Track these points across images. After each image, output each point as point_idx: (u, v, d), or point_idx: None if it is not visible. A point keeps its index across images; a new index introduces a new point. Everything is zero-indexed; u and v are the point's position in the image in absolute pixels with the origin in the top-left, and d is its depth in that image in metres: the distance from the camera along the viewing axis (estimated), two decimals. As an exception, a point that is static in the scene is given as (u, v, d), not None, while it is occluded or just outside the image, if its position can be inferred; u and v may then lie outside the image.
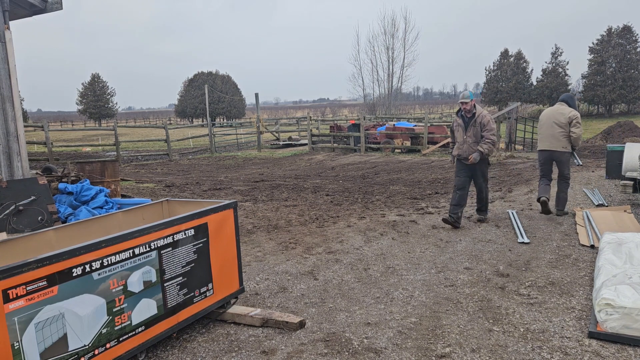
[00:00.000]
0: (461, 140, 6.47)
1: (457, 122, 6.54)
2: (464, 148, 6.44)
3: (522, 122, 18.84)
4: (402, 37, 58.64)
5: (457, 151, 6.53)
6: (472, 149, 6.35)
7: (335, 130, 22.54)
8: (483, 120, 6.33)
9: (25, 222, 5.75)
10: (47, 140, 16.15)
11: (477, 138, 6.35)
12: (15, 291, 2.37)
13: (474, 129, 6.36)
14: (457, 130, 6.56)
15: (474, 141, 6.37)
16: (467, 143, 6.41)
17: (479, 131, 6.34)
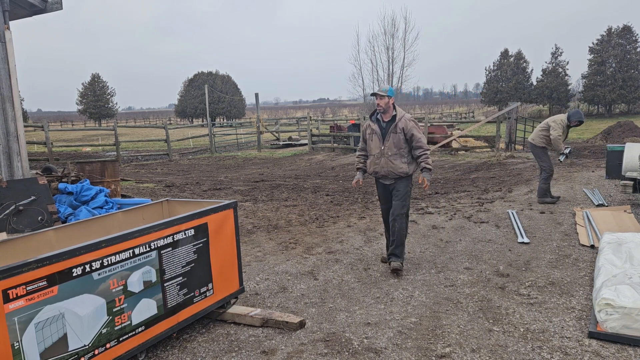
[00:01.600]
0: (377, 152, 4.80)
1: (371, 127, 4.89)
2: (381, 163, 4.78)
3: (522, 122, 18.83)
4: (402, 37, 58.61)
5: (373, 167, 4.88)
6: (392, 164, 4.73)
7: (335, 130, 22.54)
8: (408, 126, 4.70)
9: (25, 222, 5.75)
10: (47, 140, 16.15)
11: (399, 149, 4.73)
12: (15, 291, 2.37)
13: (395, 137, 4.73)
14: (370, 139, 4.89)
15: (395, 153, 4.72)
16: (385, 156, 4.75)
17: (401, 140, 4.73)
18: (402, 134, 4.73)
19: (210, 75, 69.60)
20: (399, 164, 4.75)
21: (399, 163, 4.74)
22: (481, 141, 20.87)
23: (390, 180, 4.85)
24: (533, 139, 7.98)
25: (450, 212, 7.43)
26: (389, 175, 4.81)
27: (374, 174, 4.91)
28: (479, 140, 20.98)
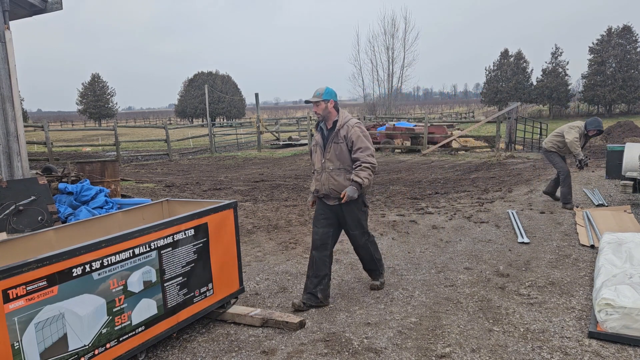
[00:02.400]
0: (319, 167, 4.05)
1: (315, 139, 4.15)
2: (322, 179, 4.01)
3: (522, 122, 18.83)
4: (402, 37, 58.73)
5: (315, 184, 4.11)
6: (335, 180, 3.93)
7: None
8: (351, 133, 3.91)
9: (25, 222, 5.75)
10: (47, 140, 16.15)
11: (343, 162, 3.94)
12: (15, 291, 2.37)
13: (337, 148, 3.94)
14: (314, 151, 4.16)
15: (337, 167, 3.94)
16: (326, 171, 3.98)
17: (344, 151, 3.93)
18: (344, 143, 3.91)
19: (210, 75, 69.60)
20: (342, 180, 3.91)
21: (343, 180, 3.91)
22: (481, 141, 20.88)
23: (334, 200, 3.99)
24: (545, 143, 7.86)
25: (450, 212, 7.43)
26: (330, 194, 3.97)
27: (316, 192, 4.09)
28: (479, 140, 20.99)
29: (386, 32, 62.74)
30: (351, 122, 3.97)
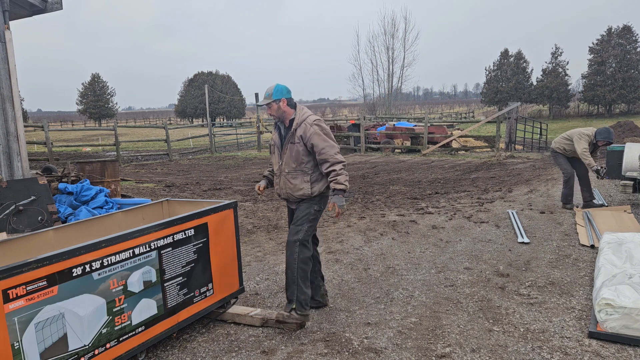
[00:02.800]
0: (277, 169, 3.79)
1: (273, 138, 3.88)
2: (280, 182, 3.75)
3: (522, 122, 18.84)
4: (402, 37, 58.82)
5: (275, 187, 3.87)
6: (290, 183, 3.65)
7: (335, 130, 22.52)
8: (309, 133, 3.55)
9: (25, 222, 5.75)
10: (47, 140, 16.15)
11: (299, 164, 3.62)
12: (15, 291, 2.37)
13: (293, 149, 3.62)
14: (272, 152, 3.88)
15: (293, 170, 3.64)
16: (283, 174, 3.70)
17: (300, 152, 3.60)
18: (300, 143, 3.59)
19: (210, 75, 69.60)
20: (299, 183, 3.62)
21: (299, 182, 3.61)
22: (481, 141, 20.90)
23: (294, 204, 3.76)
24: (553, 143, 7.77)
25: (450, 212, 7.43)
26: (289, 198, 3.73)
27: (278, 195, 3.87)
28: (479, 140, 21.00)
29: (386, 32, 62.82)
30: (309, 119, 3.60)
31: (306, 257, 3.63)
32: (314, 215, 3.69)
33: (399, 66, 54.83)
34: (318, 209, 3.71)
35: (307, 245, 3.66)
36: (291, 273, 3.61)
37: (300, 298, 3.59)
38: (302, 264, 3.61)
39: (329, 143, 3.56)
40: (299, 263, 3.59)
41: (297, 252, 3.59)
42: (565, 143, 7.49)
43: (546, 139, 20.60)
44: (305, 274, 3.63)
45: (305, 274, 3.62)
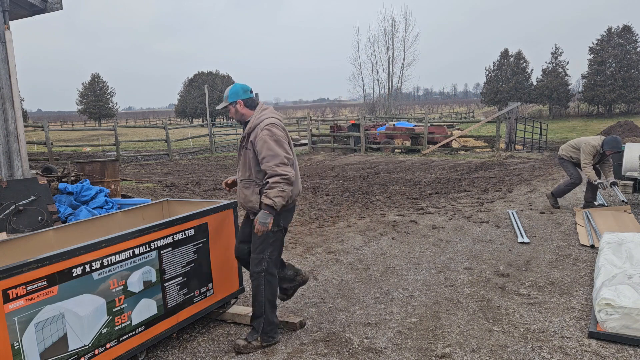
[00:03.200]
0: (237, 177, 3.48)
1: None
2: (237, 190, 3.45)
3: (522, 122, 18.84)
4: (402, 37, 58.88)
5: None
6: (243, 193, 3.33)
7: (335, 130, 22.54)
8: (258, 138, 3.17)
9: (25, 222, 5.75)
10: (47, 140, 16.15)
11: (251, 172, 3.28)
12: (15, 291, 2.37)
13: (246, 155, 3.30)
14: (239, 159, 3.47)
15: (246, 178, 3.31)
16: (238, 181, 3.44)
17: (251, 159, 3.26)
18: (251, 150, 3.24)
19: (211, 75, 69.60)
20: (249, 194, 3.27)
21: (250, 193, 3.27)
22: (481, 141, 20.90)
23: (253, 215, 3.34)
24: (560, 150, 7.69)
25: (450, 212, 7.43)
26: (244, 208, 3.41)
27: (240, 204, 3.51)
28: (479, 140, 21.00)
29: (386, 32, 62.90)
30: (263, 123, 3.18)
31: (273, 287, 3.34)
32: (274, 237, 3.26)
33: (399, 66, 54.91)
34: (276, 229, 3.24)
35: (273, 273, 3.32)
36: (259, 306, 3.31)
37: (266, 329, 3.32)
38: (269, 295, 3.31)
39: (272, 152, 3.09)
40: (266, 296, 3.29)
41: (264, 284, 3.27)
42: (572, 151, 7.43)
43: (546, 139, 20.61)
44: (273, 304, 3.36)
45: (272, 304, 3.35)
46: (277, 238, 3.30)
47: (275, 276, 3.35)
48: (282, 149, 3.14)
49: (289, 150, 3.20)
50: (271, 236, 3.25)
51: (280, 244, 3.35)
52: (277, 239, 3.30)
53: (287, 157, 3.13)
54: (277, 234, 3.29)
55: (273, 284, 3.33)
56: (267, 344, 3.35)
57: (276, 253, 3.33)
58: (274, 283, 3.34)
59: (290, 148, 3.25)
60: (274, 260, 3.32)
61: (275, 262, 3.33)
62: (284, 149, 3.15)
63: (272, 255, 3.29)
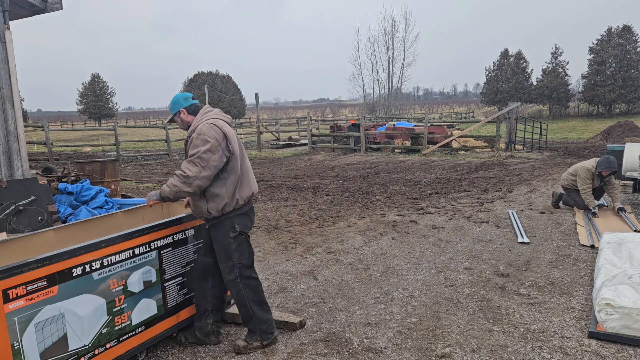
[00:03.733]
0: None
1: None
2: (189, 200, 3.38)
3: (522, 122, 18.84)
4: (402, 37, 58.95)
5: None
6: (192, 200, 3.25)
7: (335, 130, 22.54)
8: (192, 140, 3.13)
9: (25, 222, 5.75)
10: (47, 140, 16.15)
11: None
12: (15, 291, 2.37)
13: None
14: None
15: None
16: None
17: None
18: None
19: (210, 75, 69.57)
20: (197, 200, 3.19)
21: (197, 199, 3.19)
22: (481, 141, 20.89)
23: (207, 223, 3.32)
24: (562, 180, 7.55)
25: (450, 212, 7.43)
26: (196, 215, 3.33)
27: None
28: (479, 140, 20.99)
29: (386, 32, 63.00)
30: (199, 128, 3.10)
31: (254, 288, 3.30)
32: (234, 242, 3.19)
33: (399, 66, 54.97)
34: (234, 234, 3.19)
35: (249, 276, 3.26)
36: (245, 310, 3.29)
37: (262, 328, 3.31)
38: (253, 296, 3.28)
39: (194, 150, 3.03)
40: (249, 298, 3.27)
41: (242, 288, 3.24)
42: (572, 180, 7.29)
43: (546, 139, 20.60)
44: (260, 303, 3.31)
45: (259, 303, 3.31)
46: (239, 242, 3.23)
47: (252, 277, 3.30)
48: (206, 146, 3.02)
49: (210, 150, 3.01)
50: (231, 242, 3.19)
51: (245, 247, 3.26)
52: (240, 242, 3.23)
53: (201, 157, 3.00)
54: (237, 238, 3.21)
55: (253, 285, 3.30)
56: (267, 342, 3.32)
57: (245, 257, 3.25)
58: (253, 284, 3.30)
59: (233, 146, 3.13)
60: (245, 264, 3.26)
61: (248, 264, 3.27)
62: (208, 146, 3.02)
63: (241, 259, 3.24)
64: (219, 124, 3.13)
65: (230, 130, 3.18)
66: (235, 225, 3.19)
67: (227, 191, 3.11)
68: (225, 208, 3.13)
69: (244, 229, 3.24)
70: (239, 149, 3.22)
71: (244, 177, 3.21)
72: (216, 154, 3.03)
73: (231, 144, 3.12)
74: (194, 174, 3.00)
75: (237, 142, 3.21)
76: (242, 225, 3.23)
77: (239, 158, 3.18)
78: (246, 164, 3.28)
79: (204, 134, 3.05)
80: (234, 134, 3.22)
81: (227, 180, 3.12)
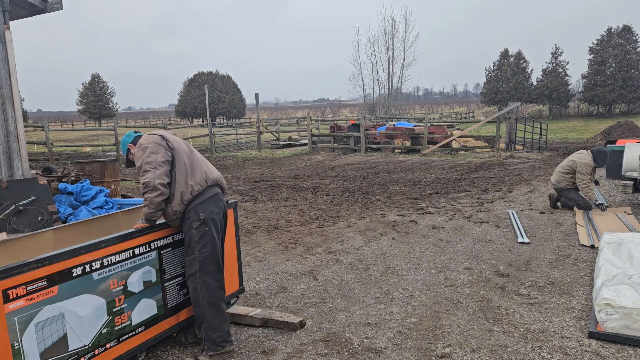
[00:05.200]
0: None
1: None
2: None
3: (522, 122, 18.84)
4: (402, 37, 58.97)
5: None
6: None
7: (335, 130, 22.53)
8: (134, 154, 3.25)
9: (25, 222, 5.75)
10: (47, 140, 16.15)
11: None
12: (15, 291, 2.37)
13: None
14: None
15: None
16: None
17: None
18: None
19: (211, 75, 69.58)
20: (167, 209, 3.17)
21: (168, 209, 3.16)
22: (481, 141, 20.88)
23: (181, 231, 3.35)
24: (558, 182, 7.41)
25: (450, 212, 7.43)
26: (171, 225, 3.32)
27: None
28: (479, 140, 20.99)
29: (386, 32, 62.99)
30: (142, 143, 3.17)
31: (212, 288, 3.15)
32: (198, 233, 3.10)
33: (399, 66, 54.94)
34: (197, 224, 3.10)
35: (209, 272, 3.14)
36: (197, 311, 3.16)
37: (212, 337, 3.12)
38: (209, 297, 3.13)
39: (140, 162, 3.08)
40: (204, 298, 3.12)
41: (199, 285, 3.12)
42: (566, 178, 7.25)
43: (546, 139, 20.59)
44: (216, 307, 3.15)
45: (214, 307, 3.14)
46: (203, 233, 3.10)
47: (212, 276, 3.15)
48: (143, 158, 3.08)
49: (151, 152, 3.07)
50: (194, 234, 3.10)
51: (210, 239, 3.12)
52: (202, 234, 3.10)
53: (148, 162, 3.05)
54: (201, 228, 3.10)
55: (211, 285, 3.14)
56: (215, 354, 3.11)
57: (207, 250, 3.11)
58: (211, 284, 3.14)
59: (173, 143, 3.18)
60: (208, 259, 3.12)
61: (211, 260, 3.13)
62: (145, 155, 3.07)
63: (203, 253, 3.10)
64: (153, 134, 3.22)
65: (167, 134, 3.26)
66: (200, 214, 3.12)
67: (179, 182, 3.11)
68: (184, 197, 3.10)
69: (210, 215, 3.14)
70: (184, 145, 3.28)
71: (194, 165, 3.21)
72: (159, 152, 3.09)
73: (171, 142, 3.19)
74: (150, 178, 3.02)
75: (179, 140, 3.29)
76: (206, 212, 3.13)
77: (184, 152, 3.22)
78: (195, 155, 3.30)
79: (141, 144, 3.15)
80: (174, 136, 3.31)
81: (176, 173, 3.13)
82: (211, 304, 3.14)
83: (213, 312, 3.14)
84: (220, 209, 3.26)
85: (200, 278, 3.12)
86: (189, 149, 3.29)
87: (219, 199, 3.27)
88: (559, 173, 7.45)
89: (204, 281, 3.12)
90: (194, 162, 3.24)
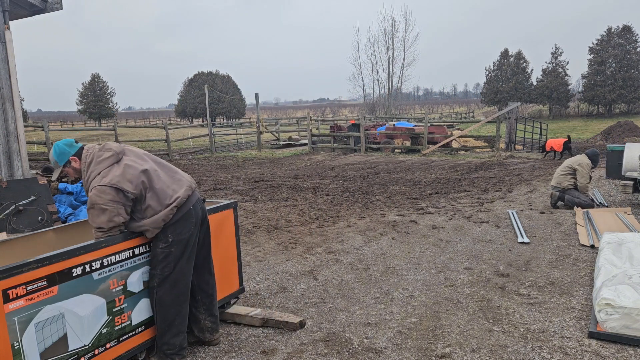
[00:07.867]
0: None
1: None
2: None
3: (522, 122, 18.85)
4: (402, 37, 59.01)
5: None
6: None
7: (335, 130, 22.53)
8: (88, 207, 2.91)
9: (25, 222, 5.75)
10: (47, 141, 16.14)
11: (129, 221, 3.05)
12: (15, 291, 2.37)
13: None
14: None
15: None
16: None
17: None
18: None
19: (211, 75, 69.61)
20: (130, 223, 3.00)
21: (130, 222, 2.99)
22: (481, 141, 20.89)
23: None
24: (559, 183, 7.53)
25: (450, 212, 7.43)
26: None
27: None
28: (479, 140, 20.99)
29: (386, 32, 63.07)
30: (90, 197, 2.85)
31: (166, 305, 3.06)
32: (162, 254, 3.01)
33: (399, 66, 55.03)
34: (163, 245, 3.00)
35: (166, 291, 3.04)
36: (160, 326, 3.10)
37: (162, 348, 3.07)
38: (163, 313, 3.06)
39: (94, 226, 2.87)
40: (157, 312, 3.07)
41: (155, 300, 3.05)
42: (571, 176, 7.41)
43: (546, 139, 20.60)
44: (167, 323, 3.07)
45: (165, 323, 3.06)
46: (168, 254, 3.01)
47: (168, 293, 3.05)
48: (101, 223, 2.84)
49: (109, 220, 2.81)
50: (159, 252, 3.02)
51: (173, 260, 3.02)
52: (168, 254, 3.01)
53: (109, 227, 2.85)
54: (166, 249, 3.01)
55: (165, 302, 3.05)
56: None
57: (169, 270, 3.02)
58: (166, 301, 3.05)
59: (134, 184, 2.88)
60: (168, 278, 3.03)
61: (170, 279, 3.04)
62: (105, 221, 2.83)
63: (164, 271, 3.02)
64: (107, 179, 2.84)
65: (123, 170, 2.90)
66: (168, 235, 3.01)
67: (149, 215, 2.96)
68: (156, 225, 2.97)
69: (177, 237, 3.02)
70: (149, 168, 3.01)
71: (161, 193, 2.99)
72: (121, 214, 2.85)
73: (131, 184, 2.87)
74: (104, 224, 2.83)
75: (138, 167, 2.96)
76: (174, 233, 3.02)
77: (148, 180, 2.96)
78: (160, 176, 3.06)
79: (97, 204, 2.80)
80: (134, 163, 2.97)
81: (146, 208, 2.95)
82: (164, 319, 3.07)
83: (164, 327, 3.08)
84: (192, 224, 3.10)
85: (157, 294, 3.05)
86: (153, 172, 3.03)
87: (190, 215, 3.08)
88: (559, 176, 7.56)
89: (160, 297, 3.05)
90: (161, 186, 3.01)
